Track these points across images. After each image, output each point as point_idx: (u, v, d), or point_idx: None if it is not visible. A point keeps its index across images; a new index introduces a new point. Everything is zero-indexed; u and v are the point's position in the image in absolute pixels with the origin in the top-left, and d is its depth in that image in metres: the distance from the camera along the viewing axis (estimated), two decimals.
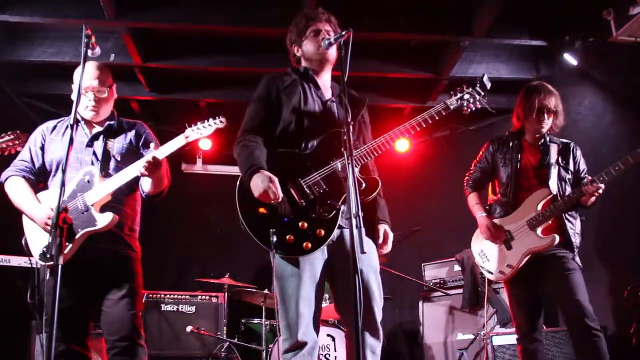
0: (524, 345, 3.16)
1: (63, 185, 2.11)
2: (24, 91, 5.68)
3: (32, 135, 2.88)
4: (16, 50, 5.06)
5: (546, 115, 3.23)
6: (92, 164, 2.73)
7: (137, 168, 2.57)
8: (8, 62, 5.12)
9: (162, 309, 5.05)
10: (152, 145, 2.62)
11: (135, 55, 4.99)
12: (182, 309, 5.12)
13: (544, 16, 4.79)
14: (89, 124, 2.84)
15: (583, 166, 3.32)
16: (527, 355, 3.14)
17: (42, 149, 2.81)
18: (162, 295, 5.10)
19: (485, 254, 3.31)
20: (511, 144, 3.32)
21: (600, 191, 3.04)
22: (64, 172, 2.11)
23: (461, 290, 4.99)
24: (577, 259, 3.14)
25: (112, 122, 2.87)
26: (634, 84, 4.47)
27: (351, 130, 2.10)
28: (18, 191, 2.74)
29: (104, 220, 2.59)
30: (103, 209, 2.63)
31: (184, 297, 5.16)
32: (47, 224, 2.55)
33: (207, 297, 5.22)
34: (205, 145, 6.38)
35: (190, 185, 6.39)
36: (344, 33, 2.22)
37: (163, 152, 2.57)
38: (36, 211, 2.64)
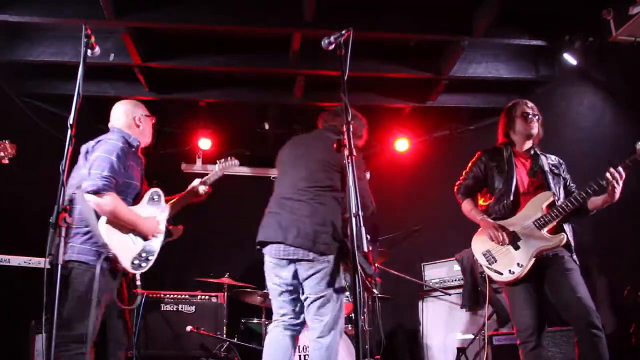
0: (525, 351, 3.06)
1: (63, 185, 2.14)
2: (24, 91, 5.67)
3: (117, 152, 2.88)
4: (16, 50, 5.06)
5: (533, 117, 3.37)
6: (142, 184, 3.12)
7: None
8: (8, 62, 5.12)
9: (162, 309, 5.05)
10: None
11: (135, 55, 5.00)
12: (182, 308, 5.11)
13: (543, 16, 4.79)
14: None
15: (569, 176, 3.44)
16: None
17: (125, 168, 2.93)
18: (162, 295, 5.10)
19: (492, 255, 3.29)
20: (504, 153, 3.41)
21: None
22: (63, 171, 2.15)
23: (461, 290, 5.00)
24: (575, 257, 3.21)
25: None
26: (634, 84, 4.47)
27: (350, 129, 2.10)
28: (124, 206, 2.86)
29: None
30: None
31: (184, 297, 5.16)
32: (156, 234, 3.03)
33: (207, 297, 5.22)
34: (205, 145, 6.38)
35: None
36: (343, 32, 2.22)
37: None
38: (147, 224, 2.97)
